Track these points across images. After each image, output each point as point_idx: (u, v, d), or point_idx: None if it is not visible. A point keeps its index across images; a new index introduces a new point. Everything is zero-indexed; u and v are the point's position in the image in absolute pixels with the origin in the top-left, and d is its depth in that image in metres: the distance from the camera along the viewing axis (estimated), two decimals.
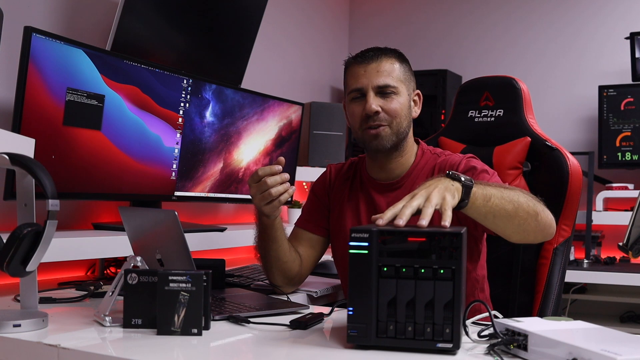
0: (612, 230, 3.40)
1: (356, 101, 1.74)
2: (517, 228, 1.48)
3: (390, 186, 1.78)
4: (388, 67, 1.72)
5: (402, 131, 1.73)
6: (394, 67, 1.73)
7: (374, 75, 1.71)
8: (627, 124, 3.38)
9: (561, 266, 1.94)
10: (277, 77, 3.44)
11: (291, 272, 1.80)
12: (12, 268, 1.26)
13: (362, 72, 1.72)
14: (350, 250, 1.19)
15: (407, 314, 1.16)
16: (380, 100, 1.71)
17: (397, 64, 1.74)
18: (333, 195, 1.88)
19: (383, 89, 1.71)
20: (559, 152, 1.97)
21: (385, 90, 1.71)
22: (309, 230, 1.88)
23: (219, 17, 2.62)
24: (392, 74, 1.72)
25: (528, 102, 2.08)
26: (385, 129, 1.71)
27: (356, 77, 1.73)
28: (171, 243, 1.42)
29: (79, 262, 2.18)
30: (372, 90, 1.71)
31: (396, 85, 1.72)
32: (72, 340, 1.24)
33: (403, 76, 1.74)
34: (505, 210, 1.44)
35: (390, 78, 1.71)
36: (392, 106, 1.71)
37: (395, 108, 1.71)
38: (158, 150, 2.22)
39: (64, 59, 1.86)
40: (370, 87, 1.71)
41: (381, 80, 1.71)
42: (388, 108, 1.71)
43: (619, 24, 3.60)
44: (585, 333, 1.17)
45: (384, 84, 1.71)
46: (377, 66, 1.71)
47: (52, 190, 1.28)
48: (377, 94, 1.71)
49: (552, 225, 1.56)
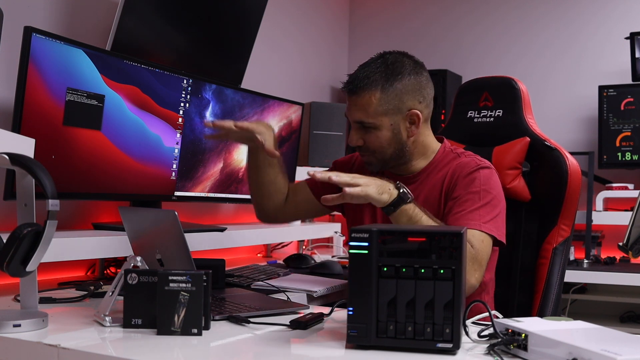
0: (612, 230, 3.40)
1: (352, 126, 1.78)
2: None
3: (408, 179, 1.78)
4: (365, 102, 1.68)
5: (388, 158, 1.75)
6: (371, 100, 1.68)
7: (353, 110, 1.72)
8: (627, 124, 3.38)
9: (561, 266, 1.94)
10: (277, 77, 3.44)
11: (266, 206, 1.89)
12: (12, 268, 1.26)
13: (349, 102, 1.74)
14: (350, 250, 1.19)
15: (407, 314, 1.16)
16: (361, 132, 1.73)
17: (378, 94, 1.67)
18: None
19: (363, 124, 1.72)
20: (558, 152, 1.97)
21: (365, 124, 1.72)
22: (310, 186, 1.92)
23: (219, 17, 2.62)
24: (369, 110, 1.68)
25: (527, 103, 2.08)
26: (370, 158, 1.76)
27: (347, 105, 1.76)
28: (171, 243, 1.42)
29: (79, 262, 2.18)
30: (353, 124, 1.74)
31: (372, 122, 1.70)
32: (72, 340, 1.24)
33: (383, 107, 1.68)
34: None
35: (366, 114, 1.69)
36: (371, 140, 1.73)
37: (373, 143, 1.73)
38: (158, 150, 2.22)
39: (64, 59, 1.86)
40: (352, 120, 1.74)
41: (357, 116, 1.71)
42: (368, 142, 1.73)
43: (619, 24, 3.60)
44: (585, 333, 1.17)
45: (359, 120, 1.71)
46: (356, 99, 1.70)
47: (52, 190, 1.28)
48: (358, 126, 1.73)
49: (470, 286, 1.56)
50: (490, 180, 1.71)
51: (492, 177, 1.72)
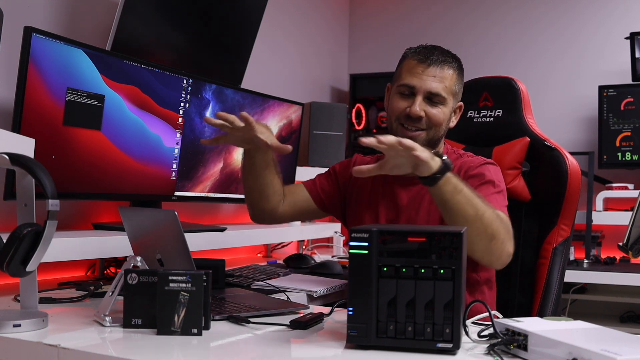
0: (612, 230, 3.40)
1: (402, 96, 1.72)
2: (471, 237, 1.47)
3: (411, 180, 1.77)
4: (446, 76, 1.71)
5: (436, 139, 1.75)
6: (452, 76, 1.72)
7: (429, 80, 1.69)
8: (627, 124, 3.38)
9: (560, 266, 1.94)
10: (277, 77, 3.43)
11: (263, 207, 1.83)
12: (12, 268, 1.26)
13: (420, 71, 1.70)
14: (350, 250, 1.19)
15: (407, 314, 1.16)
16: (426, 105, 1.70)
17: (455, 75, 1.73)
18: (353, 184, 1.87)
19: (433, 97, 1.70)
20: (557, 152, 1.97)
21: (434, 99, 1.70)
22: (309, 189, 1.89)
23: (219, 17, 2.62)
24: (446, 84, 1.70)
25: (527, 102, 2.08)
26: (422, 134, 1.71)
27: (412, 73, 1.70)
28: (171, 243, 1.42)
29: (79, 262, 2.18)
30: (422, 93, 1.69)
31: (446, 97, 1.71)
32: (72, 340, 1.24)
33: (455, 88, 1.74)
34: (465, 211, 1.47)
35: (444, 88, 1.70)
36: (436, 114, 1.70)
37: (438, 117, 1.71)
38: (158, 150, 2.22)
39: (64, 59, 1.86)
40: (422, 89, 1.69)
41: (434, 88, 1.69)
42: (431, 115, 1.70)
43: (619, 24, 3.60)
44: (585, 333, 1.17)
45: (436, 92, 1.69)
46: (436, 71, 1.69)
47: (52, 190, 1.28)
48: (425, 98, 1.70)
49: (502, 257, 1.54)
50: (498, 174, 1.74)
51: (499, 172, 1.75)
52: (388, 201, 1.79)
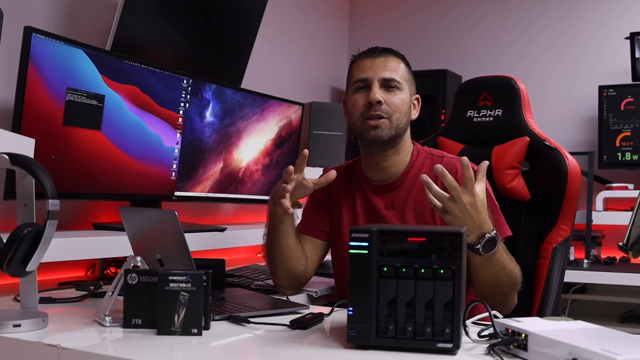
0: (612, 230, 3.40)
1: (359, 91, 1.76)
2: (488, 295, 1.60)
3: (387, 187, 1.79)
4: (394, 64, 1.76)
5: (400, 127, 1.75)
6: (399, 65, 1.77)
7: (380, 69, 1.74)
8: (627, 124, 3.38)
9: (560, 266, 1.94)
10: (277, 77, 3.43)
11: (297, 270, 1.79)
12: (12, 268, 1.26)
13: (369, 64, 1.75)
14: (350, 250, 1.19)
15: (407, 314, 1.16)
16: (383, 93, 1.73)
17: (402, 65, 1.79)
18: (332, 199, 1.88)
19: (388, 82, 1.74)
20: (557, 151, 1.97)
21: (390, 83, 1.74)
22: (310, 234, 1.87)
23: (219, 17, 2.62)
24: (398, 71, 1.76)
25: (527, 102, 2.08)
26: (385, 122, 1.73)
27: (362, 69, 1.76)
28: (171, 243, 1.42)
29: (79, 262, 2.18)
30: (377, 82, 1.73)
31: (400, 82, 1.75)
32: (72, 340, 1.24)
33: (407, 76, 1.78)
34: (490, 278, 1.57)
35: (396, 74, 1.75)
36: (395, 100, 1.73)
37: (396, 102, 1.73)
38: (158, 150, 2.22)
39: (64, 59, 1.86)
40: (375, 78, 1.74)
41: (387, 74, 1.74)
42: (390, 101, 1.73)
43: (619, 24, 3.60)
44: (585, 333, 1.17)
45: (389, 77, 1.74)
46: (384, 61, 1.75)
47: (52, 190, 1.28)
48: (381, 86, 1.74)
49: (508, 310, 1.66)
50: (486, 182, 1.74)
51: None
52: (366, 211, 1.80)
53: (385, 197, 1.78)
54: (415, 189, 1.76)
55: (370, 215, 1.79)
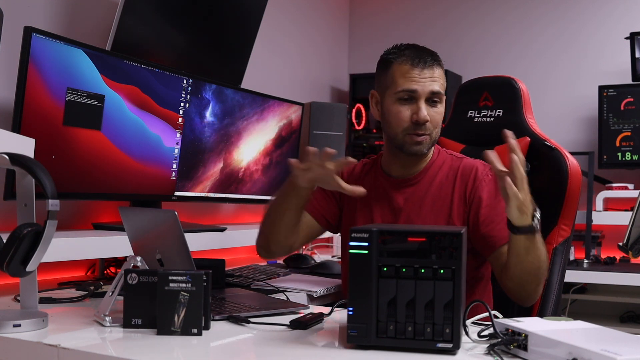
0: (612, 230, 3.40)
1: (404, 103, 1.70)
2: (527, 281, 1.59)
3: (407, 182, 1.78)
4: (440, 75, 1.71)
5: (437, 138, 1.76)
6: (443, 74, 1.73)
7: (428, 82, 1.68)
8: (627, 124, 3.38)
9: (561, 266, 1.94)
10: (277, 77, 3.43)
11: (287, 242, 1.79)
12: (12, 268, 1.26)
13: (417, 75, 1.69)
14: (350, 250, 1.19)
15: (407, 314, 1.16)
16: (428, 108, 1.70)
17: (442, 71, 1.74)
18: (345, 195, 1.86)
19: (434, 96, 1.70)
20: (558, 152, 1.97)
21: (435, 97, 1.70)
22: (308, 211, 1.85)
23: (219, 17, 2.62)
24: (442, 82, 1.72)
25: (527, 102, 2.08)
26: (427, 138, 1.71)
27: (409, 78, 1.69)
28: (171, 243, 1.42)
29: (79, 262, 2.18)
30: (424, 96, 1.69)
31: (443, 94, 1.72)
32: (72, 340, 1.24)
33: (446, 84, 1.75)
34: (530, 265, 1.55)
35: (440, 85, 1.71)
36: (436, 116, 1.71)
37: (438, 118, 1.72)
38: (158, 150, 2.22)
39: (64, 59, 1.86)
40: (424, 93, 1.68)
41: (435, 88, 1.69)
42: (433, 117, 1.70)
43: (619, 24, 3.60)
44: (585, 333, 1.17)
45: (437, 91, 1.69)
46: (431, 72, 1.69)
47: (52, 190, 1.28)
48: (427, 100, 1.70)
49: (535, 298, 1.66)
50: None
51: None
52: (384, 205, 1.79)
53: (404, 192, 1.77)
54: (434, 185, 1.75)
55: (387, 210, 1.78)
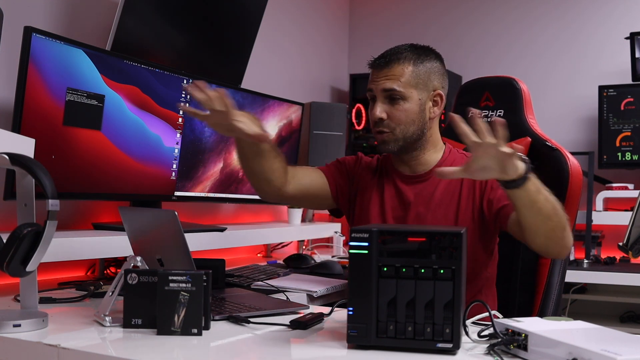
0: (612, 230, 3.40)
1: (371, 102, 1.76)
2: (548, 232, 1.51)
3: (417, 178, 1.79)
4: (398, 72, 1.71)
5: (408, 136, 1.74)
6: (404, 71, 1.71)
7: (382, 80, 1.72)
8: (627, 124, 3.38)
9: (561, 266, 1.94)
10: (277, 77, 3.43)
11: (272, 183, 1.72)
12: (12, 268, 1.26)
13: (375, 75, 1.74)
14: (350, 250, 1.19)
15: (407, 314, 1.16)
16: (387, 106, 1.72)
17: (411, 67, 1.72)
18: (357, 182, 1.86)
19: (390, 94, 1.71)
20: (559, 152, 1.97)
21: (392, 94, 1.71)
22: (326, 174, 1.85)
23: (219, 17, 2.62)
24: (401, 79, 1.71)
25: (528, 102, 2.08)
26: (389, 135, 1.72)
27: (370, 79, 1.76)
28: (171, 243, 1.42)
29: (79, 262, 2.18)
30: (379, 95, 1.72)
31: (403, 91, 1.70)
32: (72, 340, 1.24)
33: (415, 80, 1.72)
34: (546, 209, 1.46)
35: (398, 83, 1.70)
36: (397, 114, 1.71)
37: (399, 116, 1.71)
38: (158, 150, 2.22)
39: (64, 59, 1.86)
40: (378, 91, 1.72)
41: (387, 85, 1.71)
42: (393, 115, 1.71)
43: (619, 24, 3.60)
44: (585, 333, 1.17)
45: (389, 87, 1.70)
46: (387, 71, 1.72)
47: (52, 190, 1.28)
48: (385, 99, 1.72)
49: (569, 246, 1.58)
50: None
51: None
52: (394, 199, 1.80)
53: (415, 187, 1.78)
54: (444, 183, 1.75)
55: (398, 203, 1.79)
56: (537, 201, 1.44)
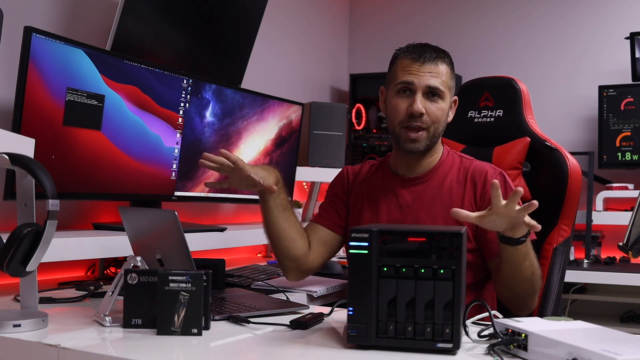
0: (612, 230, 3.40)
1: (402, 95, 1.72)
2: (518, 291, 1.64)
3: (415, 180, 1.78)
4: (442, 71, 1.72)
5: (437, 135, 1.75)
6: (446, 71, 1.73)
7: (426, 76, 1.70)
8: (627, 124, 3.38)
9: (561, 266, 1.94)
10: (277, 77, 3.43)
11: (293, 253, 1.75)
12: (12, 268, 1.26)
13: (416, 68, 1.71)
14: (350, 250, 1.19)
15: (407, 314, 1.16)
16: (425, 102, 1.70)
17: (449, 70, 1.74)
18: (352, 197, 1.86)
19: (432, 91, 1.70)
20: (558, 152, 1.97)
21: (434, 92, 1.70)
22: (323, 225, 1.85)
23: (219, 17, 2.62)
24: (443, 78, 1.72)
25: (527, 103, 2.08)
26: (424, 133, 1.71)
27: (407, 71, 1.71)
28: (171, 243, 1.42)
29: (79, 262, 2.18)
30: (421, 90, 1.70)
31: (444, 90, 1.71)
32: (72, 340, 1.24)
33: (450, 82, 1.74)
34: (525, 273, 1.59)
35: (441, 82, 1.71)
36: (436, 111, 1.71)
37: (437, 113, 1.71)
38: (158, 150, 2.22)
39: (64, 59, 1.86)
40: (420, 86, 1.70)
41: (433, 82, 1.69)
42: (431, 111, 1.70)
43: (619, 24, 3.60)
44: (585, 333, 1.17)
45: (435, 86, 1.70)
46: (433, 67, 1.71)
47: (52, 190, 1.28)
48: (424, 94, 1.70)
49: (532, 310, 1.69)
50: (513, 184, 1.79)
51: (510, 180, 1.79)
52: (390, 202, 1.78)
53: (413, 190, 1.77)
54: (445, 186, 1.75)
55: (395, 206, 1.78)
56: (520, 263, 1.56)
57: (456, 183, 1.75)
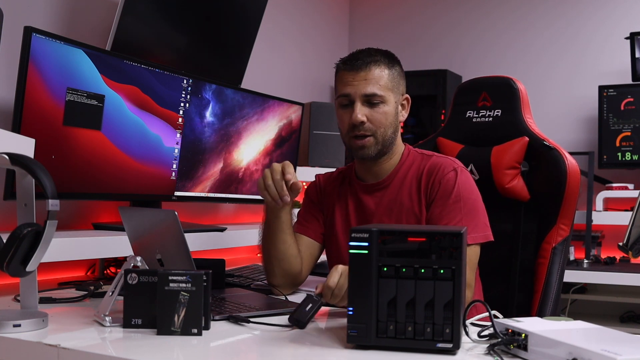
0: (612, 230, 3.40)
1: (344, 108, 1.74)
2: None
3: (376, 186, 1.80)
4: (376, 75, 1.71)
5: (387, 139, 1.74)
6: (382, 74, 1.72)
7: (362, 84, 1.70)
8: (627, 124, 3.38)
9: (560, 266, 1.94)
10: (277, 77, 3.44)
11: (293, 270, 1.78)
12: (12, 268, 1.26)
13: (351, 79, 1.72)
14: (350, 250, 1.19)
15: (407, 314, 1.16)
16: (366, 109, 1.71)
17: (387, 71, 1.73)
18: (325, 201, 1.90)
19: (370, 98, 1.71)
20: (557, 151, 1.97)
21: (372, 99, 1.71)
22: (306, 234, 1.87)
23: (219, 17, 2.62)
24: (380, 82, 1.71)
25: (526, 102, 2.08)
26: (370, 139, 1.72)
27: (344, 83, 1.73)
28: (171, 243, 1.42)
29: (79, 262, 2.18)
30: (359, 100, 1.71)
31: (383, 94, 1.71)
32: (72, 340, 1.24)
33: (391, 83, 1.74)
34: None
35: (378, 87, 1.71)
36: (378, 116, 1.71)
37: (380, 118, 1.72)
38: (158, 150, 2.22)
39: (64, 59, 1.86)
40: (357, 95, 1.71)
41: (368, 89, 1.70)
42: (373, 118, 1.71)
43: (619, 24, 3.60)
44: (585, 333, 1.17)
45: (371, 92, 1.70)
46: (365, 74, 1.71)
47: (52, 190, 1.28)
48: (364, 102, 1.71)
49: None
50: (466, 184, 1.73)
51: (468, 180, 1.75)
52: (357, 208, 1.82)
53: (375, 196, 1.79)
54: (404, 188, 1.76)
55: (361, 214, 1.80)
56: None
57: (414, 184, 1.76)
